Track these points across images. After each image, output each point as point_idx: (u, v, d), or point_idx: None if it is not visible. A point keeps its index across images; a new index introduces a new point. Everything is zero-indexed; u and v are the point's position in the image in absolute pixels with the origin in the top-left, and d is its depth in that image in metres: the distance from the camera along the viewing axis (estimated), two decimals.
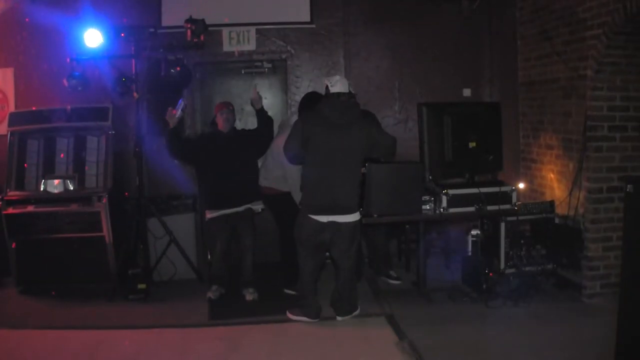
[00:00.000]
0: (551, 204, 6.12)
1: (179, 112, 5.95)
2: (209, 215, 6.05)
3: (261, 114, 6.24)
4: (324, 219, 5.16)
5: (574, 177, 5.88)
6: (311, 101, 5.78)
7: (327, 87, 5.24)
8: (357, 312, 5.52)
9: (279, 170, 6.01)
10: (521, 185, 6.56)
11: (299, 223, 5.30)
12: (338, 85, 5.23)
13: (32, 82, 7.04)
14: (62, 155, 6.46)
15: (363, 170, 5.41)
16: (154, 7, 7.04)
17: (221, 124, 6.06)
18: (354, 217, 5.24)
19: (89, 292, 6.24)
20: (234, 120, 6.19)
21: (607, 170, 5.57)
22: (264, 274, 6.45)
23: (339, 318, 5.46)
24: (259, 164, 6.28)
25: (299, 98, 7.18)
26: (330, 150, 5.12)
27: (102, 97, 6.65)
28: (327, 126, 5.14)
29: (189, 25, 6.19)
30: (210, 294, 6.03)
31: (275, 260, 6.66)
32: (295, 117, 6.11)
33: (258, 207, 6.17)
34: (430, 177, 5.78)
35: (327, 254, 5.63)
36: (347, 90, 5.29)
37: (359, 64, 7.40)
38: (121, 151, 6.72)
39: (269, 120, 6.28)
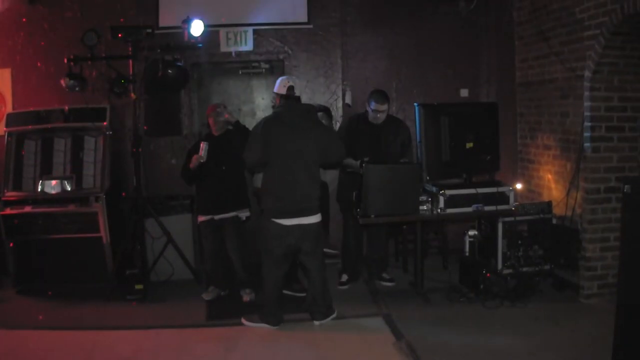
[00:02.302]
0: (549, 204, 6.12)
1: (204, 155, 5.77)
2: (200, 219, 6.05)
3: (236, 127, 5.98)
4: (288, 222, 5.15)
5: (572, 178, 5.88)
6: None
7: (289, 88, 5.36)
8: (334, 315, 5.46)
9: None
10: (519, 186, 6.55)
11: (263, 229, 5.28)
12: (295, 88, 5.36)
13: (30, 83, 7.04)
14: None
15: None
16: (151, 7, 7.03)
17: (212, 127, 6.04)
18: (316, 218, 5.26)
19: (87, 293, 6.23)
20: (225, 122, 5.96)
21: (605, 171, 5.57)
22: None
23: (316, 323, 5.39)
24: None
25: None
26: (292, 154, 5.14)
27: (100, 98, 6.65)
28: (288, 130, 5.17)
29: (186, 26, 6.19)
30: (204, 295, 6.03)
31: None
32: None
33: (243, 214, 6.06)
34: (428, 178, 5.78)
35: None
36: (298, 93, 5.46)
37: (356, 64, 7.40)
38: (118, 151, 6.73)
39: (244, 130, 5.95)
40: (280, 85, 5.48)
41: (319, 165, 5.33)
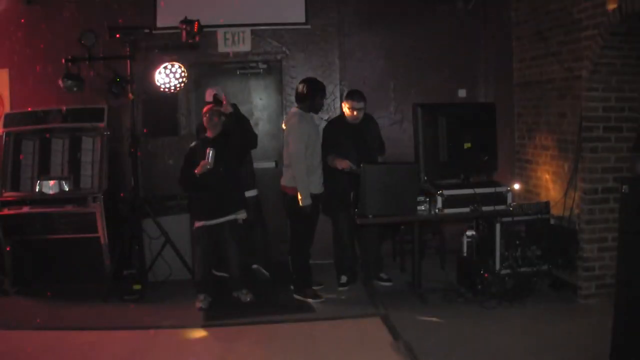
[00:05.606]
0: (546, 204, 6.13)
1: (212, 162, 5.63)
2: (197, 224, 5.89)
3: (234, 117, 5.89)
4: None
5: (569, 178, 5.89)
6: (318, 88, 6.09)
7: (213, 96, 5.86)
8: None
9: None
10: (516, 186, 6.55)
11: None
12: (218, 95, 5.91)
13: (28, 83, 7.03)
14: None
15: None
16: (149, 8, 7.03)
17: (207, 128, 5.87)
18: None
19: (84, 293, 6.22)
20: (217, 124, 5.84)
21: (603, 171, 5.57)
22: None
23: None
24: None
25: (294, 99, 7.17)
26: None
27: (98, 98, 6.64)
28: None
29: (184, 26, 6.18)
30: (200, 304, 5.84)
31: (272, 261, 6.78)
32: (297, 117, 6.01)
33: (241, 216, 5.94)
34: (425, 178, 5.78)
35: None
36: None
37: (354, 64, 7.40)
38: (116, 152, 6.72)
39: (242, 120, 5.99)
40: (207, 95, 6.09)
41: None
